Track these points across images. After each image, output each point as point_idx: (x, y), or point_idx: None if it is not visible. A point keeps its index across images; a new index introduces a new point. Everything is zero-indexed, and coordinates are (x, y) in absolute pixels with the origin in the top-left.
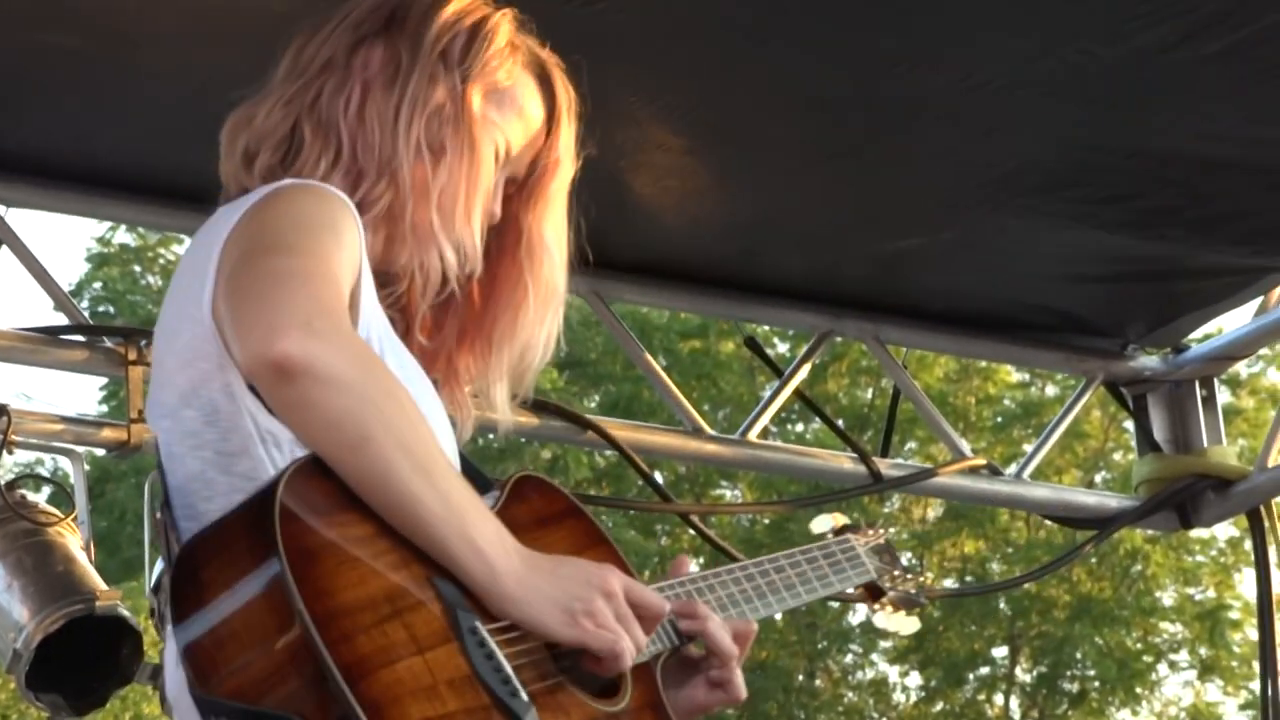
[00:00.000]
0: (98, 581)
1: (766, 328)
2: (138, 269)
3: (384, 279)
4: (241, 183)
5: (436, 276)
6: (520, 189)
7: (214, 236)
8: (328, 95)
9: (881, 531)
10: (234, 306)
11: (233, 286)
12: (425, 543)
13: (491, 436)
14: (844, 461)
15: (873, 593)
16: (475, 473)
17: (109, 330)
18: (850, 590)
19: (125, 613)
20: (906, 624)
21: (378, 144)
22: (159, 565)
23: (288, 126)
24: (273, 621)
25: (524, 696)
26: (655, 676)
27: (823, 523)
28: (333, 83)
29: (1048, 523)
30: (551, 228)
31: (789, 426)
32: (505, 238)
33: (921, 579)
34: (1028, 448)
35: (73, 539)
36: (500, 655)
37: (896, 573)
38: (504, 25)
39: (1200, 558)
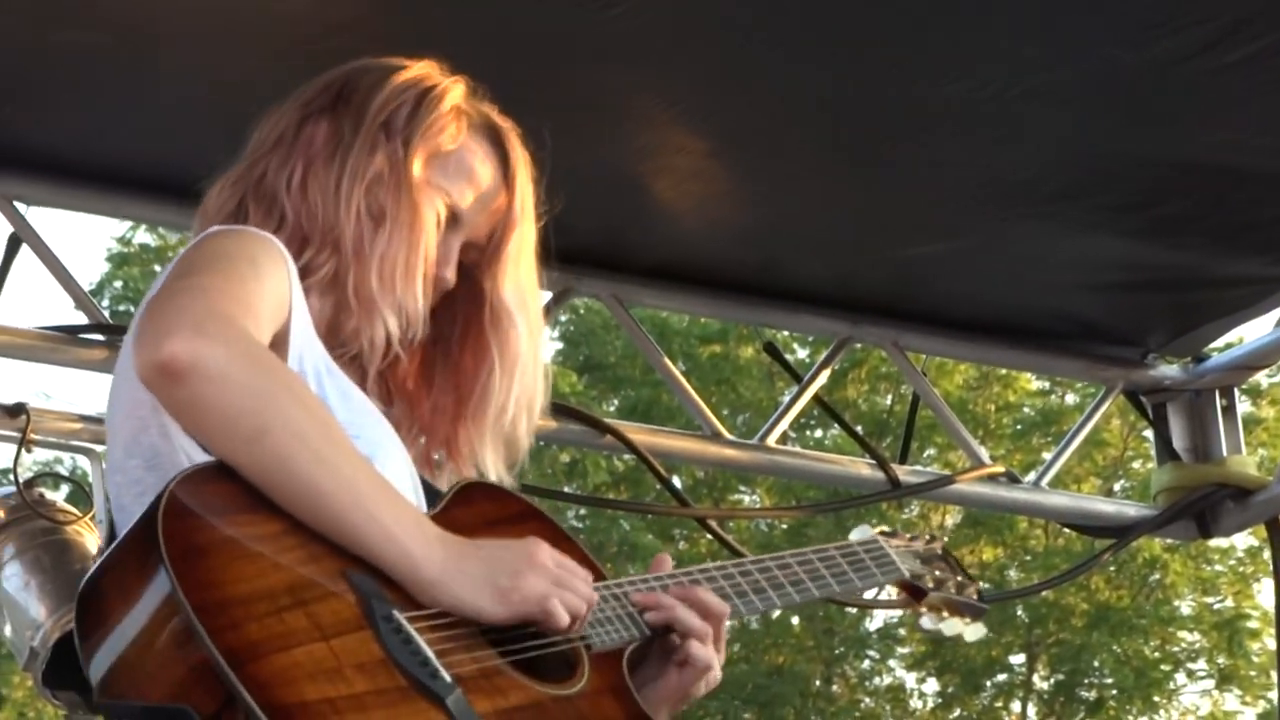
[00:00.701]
0: None
1: (786, 333)
2: (158, 268)
3: (335, 341)
4: None
5: (381, 343)
6: (482, 254)
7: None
8: (272, 171)
9: (929, 537)
10: (133, 329)
11: (138, 315)
12: (337, 534)
13: None
14: (862, 468)
15: (912, 593)
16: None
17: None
18: (877, 590)
19: None
20: (970, 630)
21: (320, 214)
22: None
23: (234, 203)
24: (159, 617)
25: (446, 678)
26: (621, 664)
27: (862, 532)
28: (277, 159)
29: (1066, 531)
30: (511, 289)
31: (808, 432)
32: (470, 305)
33: (976, 587)
34: (1047, 455)
35: (90, 538)
36: (419, 640)
37: (955, 578)
38: (451, 91)
39: (1219, 567)
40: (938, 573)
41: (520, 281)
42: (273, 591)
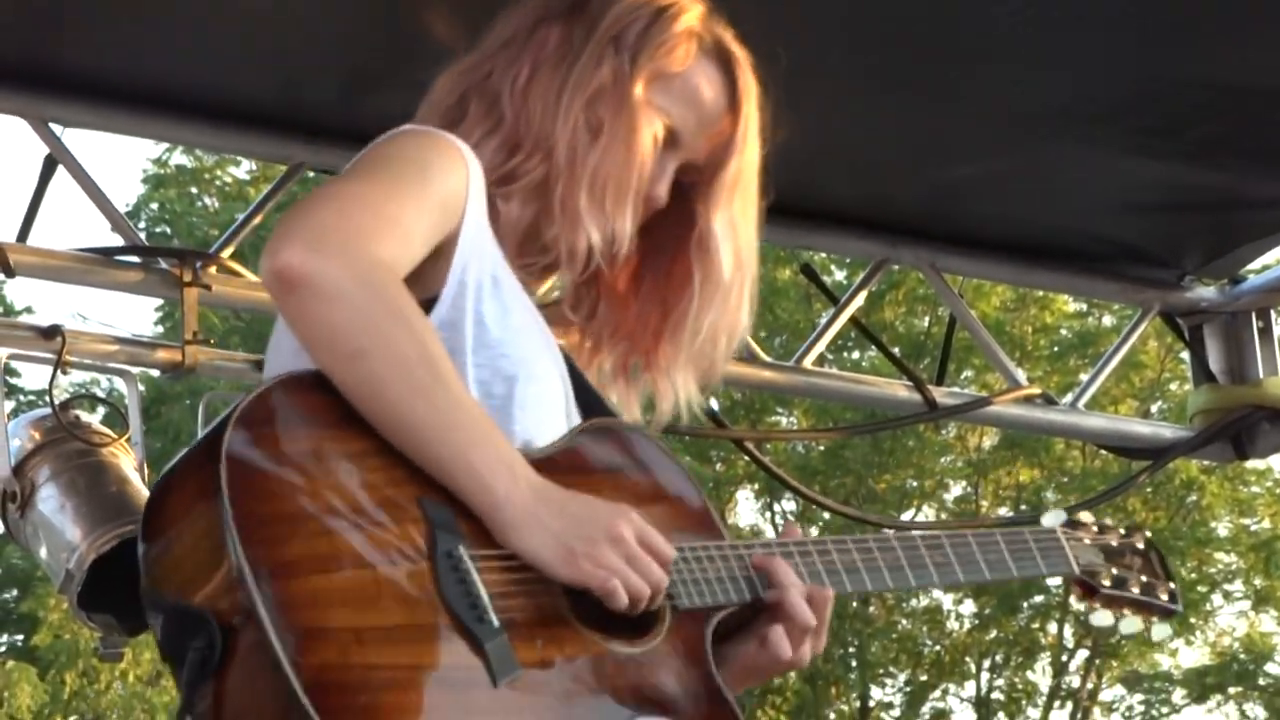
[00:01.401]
0: None
1: (823, 255)
2: (194, 190)
3: (531, 249)
4: None
5: (581, 254)
6: (700, 176)
7: None
8: (499, 71)
9: (1126, 530)
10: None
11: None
12: (423, 463)
13: None
14: (899, 389)
15: (1084, 589)
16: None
17: (165, 252)
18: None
19: None
20: (1155, 630)
21: (538, 120)
22: None
23: (454, 98)
24: (206, 520)
25: (493, 621)
26: (704, 627)
27: (1053, 517)
28: (505, 58)
29: (1103, 452)
30: (721, 216)
31: (844, 354)
32: (681, 225)
33: (1170, 587)
34: (1084, 377)
35: (126, 460)
36: (477, 580)
37: (1143, 576)
38: (688, 12)
39: (1256, 488)
40: (1124, 568)
41: (733, 210)
42: (332, 511)
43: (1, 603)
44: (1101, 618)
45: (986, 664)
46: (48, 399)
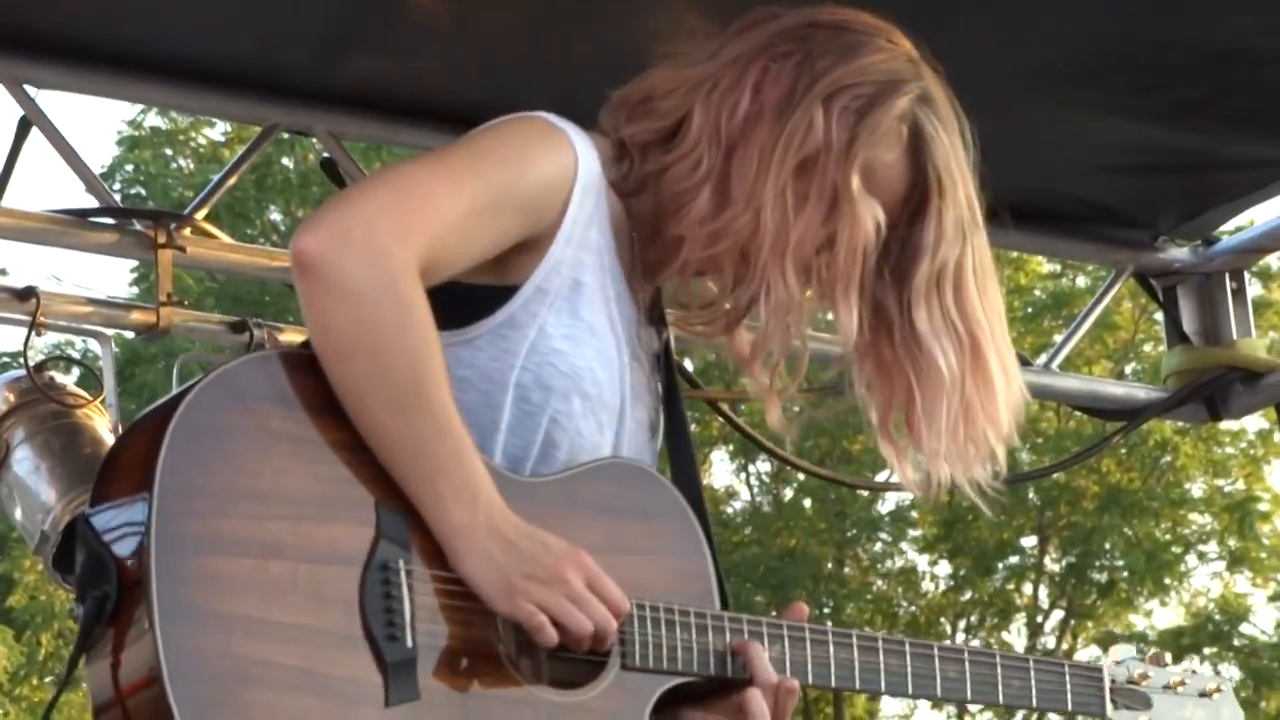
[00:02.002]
0: None
1: None
2: (169, 152)
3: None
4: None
5: (783, 311)
6: (879, 274)
7: None
8: (719, 95)
9: (1193, 672)
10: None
11: None
12: (392, 474)
13: None
14: None
15: None
16: (690, 481)
17: (139, 213)
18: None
19: None
20: None
21: (752, 175)
22: None
23: (680, 114)
24: (138, 479)
25: (406, 642)
26: (650, 691)
27: (1120, 652)
28: (729, 81)
29: (1077, 413)
30: (926, 316)
31: (821, 315)
32: (877, 317)
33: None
34: (1058, 338)
35: (101, 421)
36: (405, 596)
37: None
38: (907, 96)
39: (1230, 449)
40: (1175, 710)
41: (945, 306)
42: (275, 496)
43: None
44: None
45: (962, 625)
46: (22, 361)
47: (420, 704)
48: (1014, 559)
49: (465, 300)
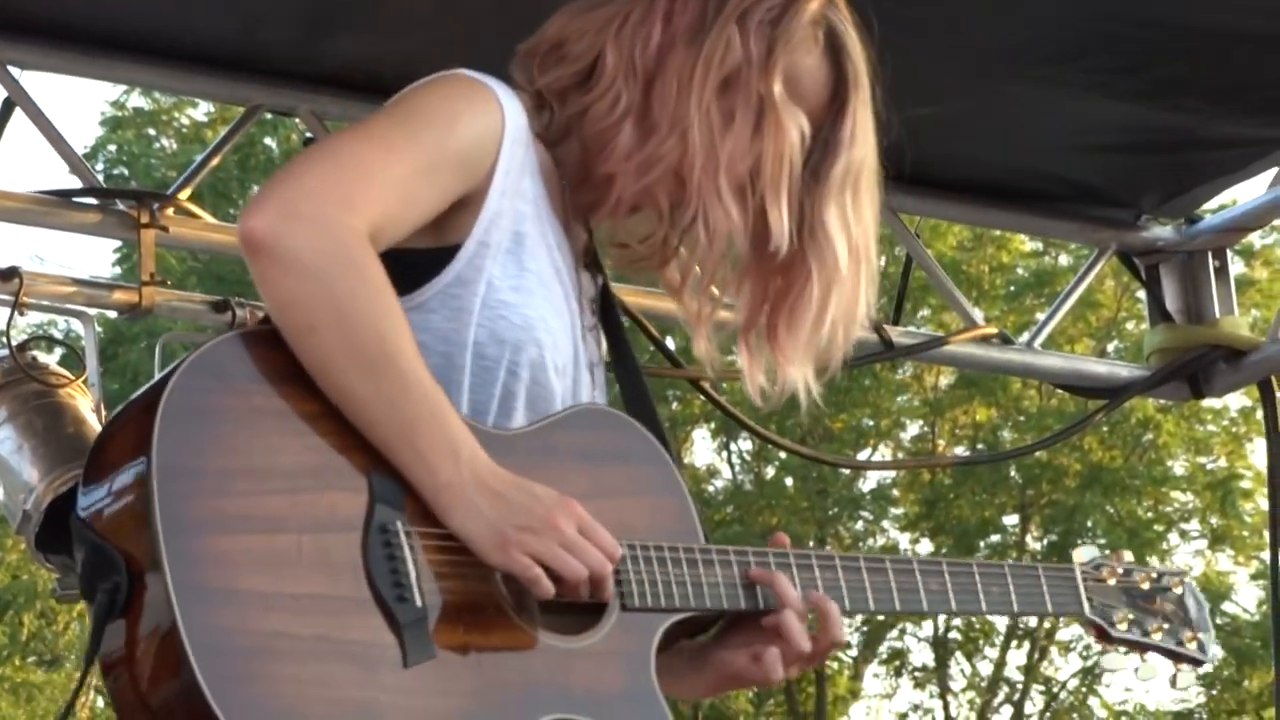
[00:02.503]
0: None
1: None
2: (152, 132)
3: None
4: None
5: (722, 239)
6: (801, 171)
7: None
8: (631, 29)
9: (1159, 575)
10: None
11: None
12: (371, 440)
13: None
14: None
15: (1096, 632)
16: (646, 403)
17: (122, 193)
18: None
19: None
20: (1180, 678)
21: (672, 101)
22: None
23: (591, 56)
24: (132, 469)
25: (415, 601)
26: (653, 629)
27: (1083, 553)
28: (639, 13)
29: (1059, 391)
30: (833, 213)
31: None
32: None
33: (1200, 636)
34: (1040, 317)
35: (84, 401)
36: (409, 558)
37: (1166, 624)
38: (814, 1)
39: (1212, 427)
40: (1146, 612)
41: (845, 204)
42: (270, 471)
43: None
44: (1111, 660)
45: None
46: (4, 340)
47: (437, 661)
48: (996, 537)
49: (409, 266)
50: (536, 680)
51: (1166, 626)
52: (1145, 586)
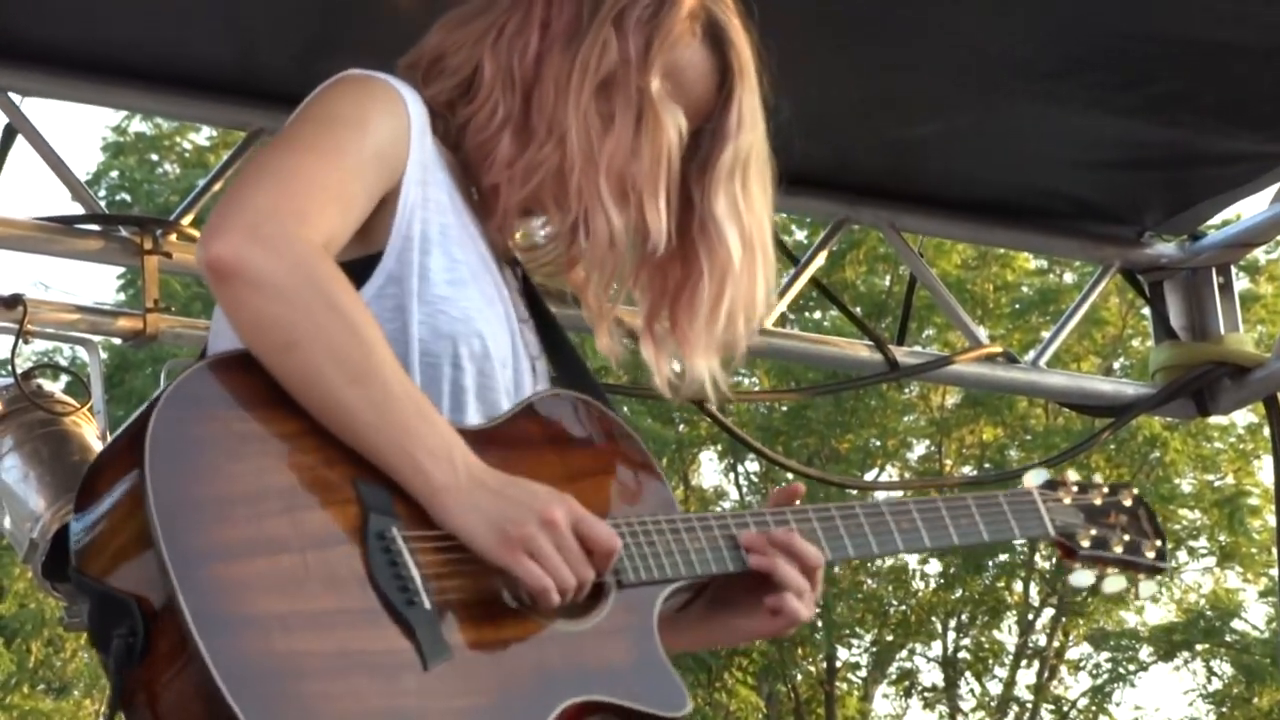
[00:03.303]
0: None
1: (783, 215)
2: (154, 158)
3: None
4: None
5: (604, 242)
6: (693, 163)
7: None
8: (508, 38)
9: (1110, 489)
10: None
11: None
12: (360, 450)
13: None
14: (861, 349)
15: (1063, 550)
16: (590, 384)
17: (125, 219)
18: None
19: None
20: (1143, 587)
21: (550, 107)
22: None
23: (470, 68)
24: (128, 507)
25: (425, 604)
26: (652, 601)
27: (1034, 477)
28: (515, 23)
29: (1065, 410)
30: (723, 203)
31: (806, 314)
32: (682, 211)
33: (1157, 544)
34: (1045, 335)
35: (89, 428)
36: (409, 561)
37: (1126, 535)
38: None
39: (1219, 444)
40: (1105, 527)
41: (735, 192)
42: (262, 494)
43: None
44: (1081, 578)
45: (952, 623)
46: (10, 368)
47: (454, 660)
48: (1004, 556)
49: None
50: (552, 666)
51: (1126, 539)
52: (1099, 502)
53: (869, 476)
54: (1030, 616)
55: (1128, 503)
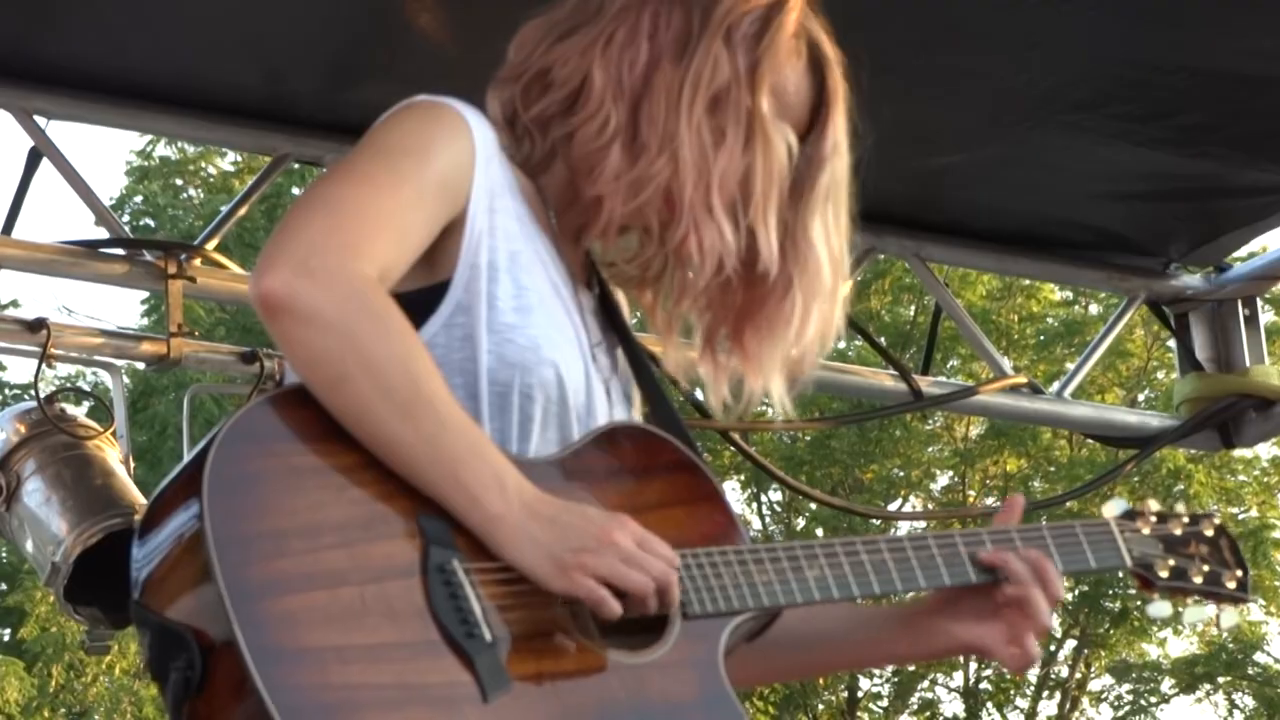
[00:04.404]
0: (136, 495)
1: None
2: (179, 182)
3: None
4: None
5: (713, 259)
6: (792, 184)
7: None
8: (616, 49)
9: (1192, 518)
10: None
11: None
12: (414, 482)
13: None
14: (885, 379)
15: (1141, 581)
16: (667, 410)
17: (149, 244)
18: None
19: None
20: (1224, 617)
21: (661, 120)
22: None
23: (579, 79)
24: (188, 542)
25: (485, 636)
26: (717, 634)
27: (1112, 507)
28: (623, 34)
29: (1090, 441)
30: (818, 226)
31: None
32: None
33: (1239, 574)
34: (1070, 366)
35: (112, 452)
36: (470, 593)
37: (1205, 566)
38: (795, 12)
39: (1243, 477)
40: (1184, 557)
41: (828, 217)
42: (321, 528)
43: None
44: (1159, 609)
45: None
46: (33, 392)
47: (514, 693)
48: None
49: (409, 306)
50: (614, 699)
51: (1206, 569)
52: (1178, 532)
53: (892, 506)
54: (1052, 647)
55: (1209, 532)
